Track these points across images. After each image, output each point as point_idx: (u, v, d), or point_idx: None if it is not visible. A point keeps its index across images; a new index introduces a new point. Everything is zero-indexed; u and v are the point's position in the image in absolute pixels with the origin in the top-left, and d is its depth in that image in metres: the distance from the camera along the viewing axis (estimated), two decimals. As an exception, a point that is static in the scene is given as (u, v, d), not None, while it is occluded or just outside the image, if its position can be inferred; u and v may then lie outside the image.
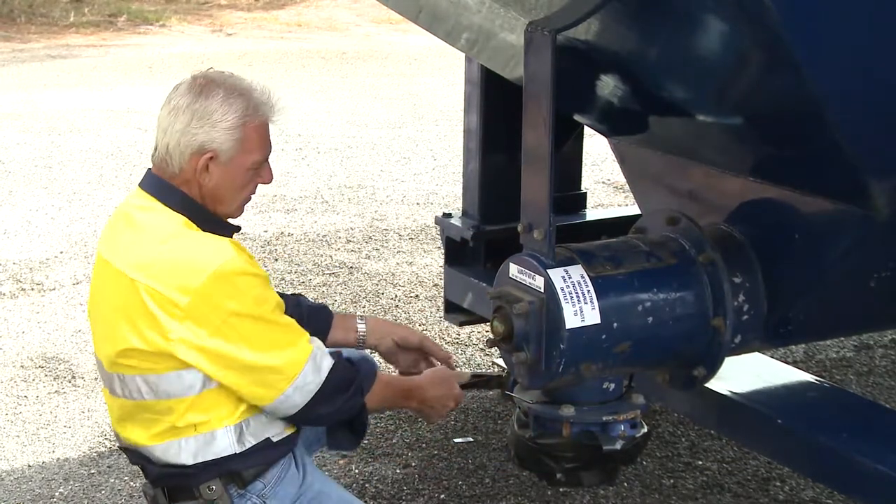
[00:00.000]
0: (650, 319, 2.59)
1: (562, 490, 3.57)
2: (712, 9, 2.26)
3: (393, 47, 12.63)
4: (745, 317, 2.71)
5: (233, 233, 2.60)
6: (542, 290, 2.53)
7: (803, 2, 2.07)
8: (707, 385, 2.77)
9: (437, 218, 4.00)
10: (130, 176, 7.36)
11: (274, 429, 2.56)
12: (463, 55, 3.74)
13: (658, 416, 4.06)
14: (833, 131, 2.25)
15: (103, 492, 3.70)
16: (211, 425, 2.50)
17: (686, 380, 2.75)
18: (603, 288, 2.55)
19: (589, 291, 2.53)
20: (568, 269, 2.54)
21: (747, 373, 2.93)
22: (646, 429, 2.70)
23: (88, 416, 4.20)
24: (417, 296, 5.32)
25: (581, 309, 2.51)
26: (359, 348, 2.93)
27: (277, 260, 5.82)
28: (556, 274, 2.52)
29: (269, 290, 2.50)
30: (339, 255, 5.90)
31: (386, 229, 6.31)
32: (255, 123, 2.51)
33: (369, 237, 6.18)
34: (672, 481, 3.70)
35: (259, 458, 2.55)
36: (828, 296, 2.72)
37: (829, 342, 4.68)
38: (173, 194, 2.51)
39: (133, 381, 2.50)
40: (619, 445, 2.64)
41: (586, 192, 4.20)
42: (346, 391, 2.55)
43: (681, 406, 3.18)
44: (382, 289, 5.41)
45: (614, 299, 2.56)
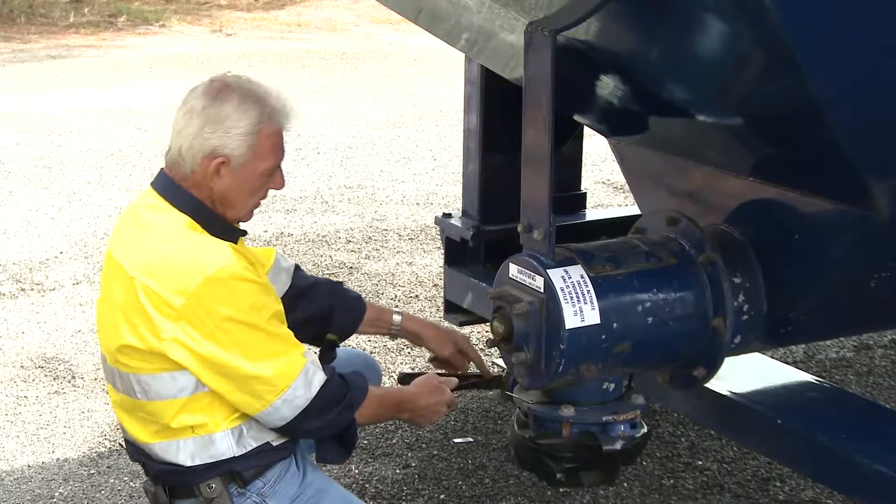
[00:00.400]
0: (650, 320, 2.59)
1: (562, 490, 3.57)
2: (712, 9, 2.26)
3: (393, 47, 12.64)
4: (745, 317, 2.71)
5: (238, 237, 2.59)
6: (542, 290, 2.52)
7: (804, 3, 2.07)
8: (707, 385, 2.77)
9: (436, 218, 4.00)
10: (130, 176, 7.36)
11: (274, 433, 2.56)
12: (463, 55, 3.74)
13: (658, 416, 4.05)
14: (833, 131, 2.25)
15: (103, 492, 3.70)
16: (209, 428, 2.50)
17: (686, 380, 2.75)
18: (603, 288, 2.54)
19: (589, 292, 2.53)
20: (568, 269, 2.54)
21: (747, 373, 2.93)
22: (646, 429, 2.70)
23: (88, 416, 4.20)
24: (417, 296, 5.32)
25: (581, 309, 2.51)
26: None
27: (277, 260, 5.82)
28: (555, 274, 2.52)
29: (267, 298, 2.49)
30: (339, 255, 5.89)
31: (386, 229, 6.31)
32: (268, 131, 2.50)
33: (369, 237, 6.18)
34: (672, 481, 3.69)
35: (259, 459, 2.56)
36: (828, 296, 2.72)
37: (829, 342, 4.68)
38: (182, 195, 2.51)
39: (128, 379, 2.51)
40: (619, 445, 2.64)
41: (586, 193, 4.20)
42: (336, 407, 2.54)
43: (681, 406, 3.18)
44: (382, 289, 5.40)
45: (614, 299, 2.56)
